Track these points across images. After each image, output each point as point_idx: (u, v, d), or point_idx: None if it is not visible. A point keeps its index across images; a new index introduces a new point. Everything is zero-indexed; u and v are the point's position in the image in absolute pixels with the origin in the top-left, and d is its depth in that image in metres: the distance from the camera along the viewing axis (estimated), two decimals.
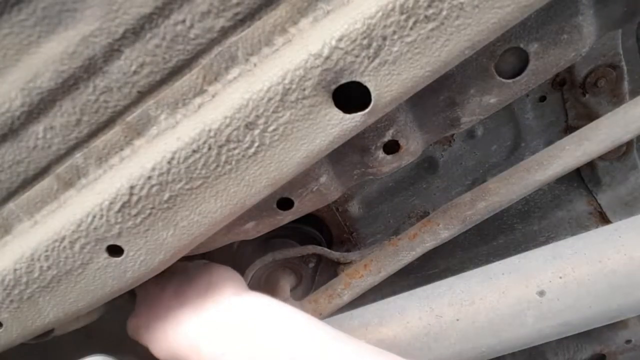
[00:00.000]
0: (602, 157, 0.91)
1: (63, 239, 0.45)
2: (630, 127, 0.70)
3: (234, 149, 0.43)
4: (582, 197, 0.99)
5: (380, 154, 0.55)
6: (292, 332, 0.49)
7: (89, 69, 0.42)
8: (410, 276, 1.00)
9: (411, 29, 0.39)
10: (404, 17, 0.39)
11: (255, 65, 0.43)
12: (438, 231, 0.78)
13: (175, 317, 0.54)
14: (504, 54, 0.51)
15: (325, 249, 0.91)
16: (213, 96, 0.44)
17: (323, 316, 0.82)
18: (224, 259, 0.73)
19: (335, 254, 0.90)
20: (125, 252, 0.46)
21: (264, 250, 0.94)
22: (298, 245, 0.95)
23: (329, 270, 0.95)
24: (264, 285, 0.93)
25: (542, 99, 0.91)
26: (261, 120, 0.42)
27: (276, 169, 0.44)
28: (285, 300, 0.85)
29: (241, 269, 0.87)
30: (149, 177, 0.43)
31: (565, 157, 0.73)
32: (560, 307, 0.52)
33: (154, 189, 0.44)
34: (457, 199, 0.78)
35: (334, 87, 0.41)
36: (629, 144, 0.89)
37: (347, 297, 0.82)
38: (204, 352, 0.50)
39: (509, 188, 0.75)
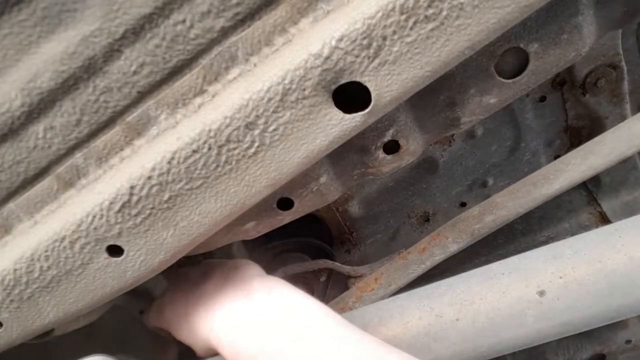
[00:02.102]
0: None
1: (63, 239, 0.45)
2: (635, 141, 0.72)
3: (234, 149, 0.43)
4: (582, 198, 0.99)
5: (380, 154, 0.55)
6: (311, 324, 0.49)
7: (89, 69, 0.42)
8: None
9: (411, 29, 0.39)
10: (404, 17, 0.39)
11: (255, 65, 0.43)
12: (447, 245, 0.81)
13: (200, 307, 0.55)
14: (504, 54, 0.51)
15: (336, 263, 0.92)
16: (213, 96, 0.44)
17: None
18: None
19: (346, 268, 0.91)
20: (125, 252, 0.46)
21: (275, 266, 0.95)
22: (309, 259, 0.96)
23: (339, 283, 0.96)
24: None
25: (542, 99, 0.91)
26: (261, 120, 0.42)
27: (276, 169, 0.44)
28: None
29: None
30: (149, 177, 0.43)
31: (571, 171, 0.75)
32: (561, 307, 0.52)
33: (154, 189, 0.44)
34: (465, 213, 0.80)
35: (334, 87, 0.41)
36: None
37: None
38: (226, 342, 0.51)
39: (516, 202, 0.77)
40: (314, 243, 1.00)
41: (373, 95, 0.41)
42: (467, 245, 0.80)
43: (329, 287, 0.98)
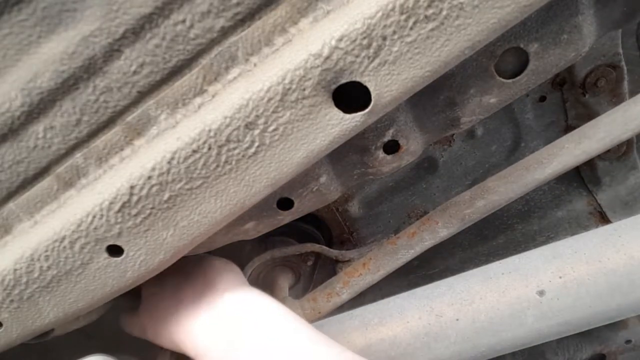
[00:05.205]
0: (602, 157, 0.91)
1: (63, 239, 0.45)
2: (630, 125, 0.70)
3: (234, 149, 0.43)
4: (582, 197, 0.99)
5: (380, 154, 0.55)
6: (278, 332, 0.50)
7: (89, 69, 0.42)
8: (410, 276, 1.00)
9: (411, 29, 0.39)
10: (404, 17, 0.39)
11: (255, 65, 0.43)
12: (437, 230, 0.78)
13: (176, 317, 0.57)
14: (504, 54, 0.51)
15: (324, 246, 0.90)
16: (213, 96, 0.44)
17: (322, 315, 0.82)
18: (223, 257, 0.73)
19: (333, 252, 0.90)
20: (125, 252, 0.46)
21: (262, 248, 0.94)
22: (297, 243, 0.95)
23: (327, 268, 0.95)
24: (262, 283, 0.93)
25: (542, 99, 0.91)
26: (261, 120, 0.42)
27: (276, 169, 0.44)
28: (283, 299, 0.85)
29: (239, 267, 0.87)
30: (149, 177, 0.43)
31: (564, 155, 0.73)
32: (560, 307, 0.52)
33: (154, 189, 0.44)
34: (456, 198, 0.78)
35: (334, 87, 0.41)
36: (628, 144, 0.89)
37: (345, 295, 0.82)
38: (201, 349, 0.53)
39: (508, 186, 0.74)
40: (301, 227, 0.98)
41: (373, 95, 0.41)
42: (458, 231, 0.77)
43: (316, 272, 0.97)
